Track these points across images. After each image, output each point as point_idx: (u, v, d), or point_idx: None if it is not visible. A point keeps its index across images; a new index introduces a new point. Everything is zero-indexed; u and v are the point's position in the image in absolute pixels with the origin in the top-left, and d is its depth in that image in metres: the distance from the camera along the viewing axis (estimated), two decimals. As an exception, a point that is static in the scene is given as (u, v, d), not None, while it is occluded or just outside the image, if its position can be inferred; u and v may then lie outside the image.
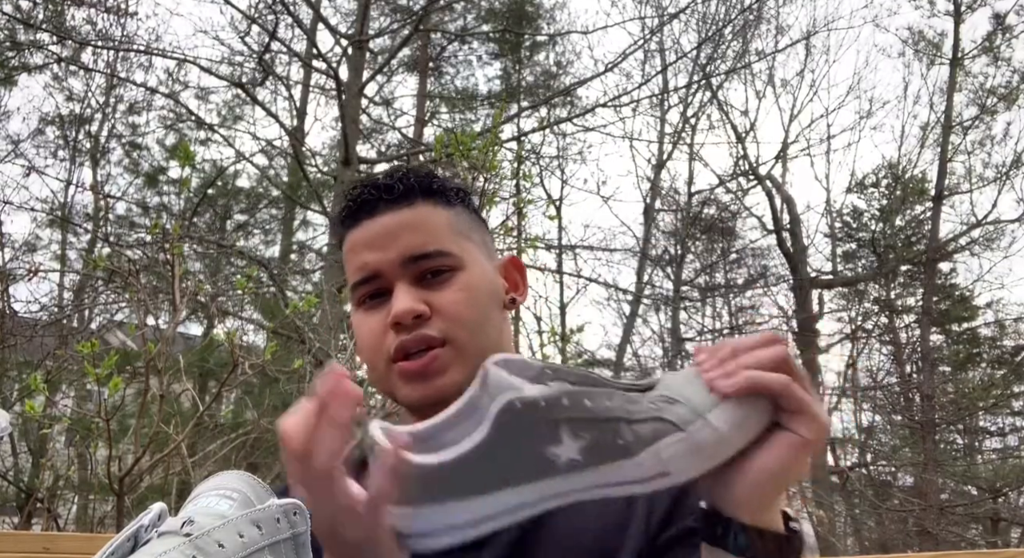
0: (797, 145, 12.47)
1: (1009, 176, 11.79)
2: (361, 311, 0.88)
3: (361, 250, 0.86)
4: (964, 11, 12.26)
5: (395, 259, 0.85)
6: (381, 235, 0.86)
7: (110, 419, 3.07)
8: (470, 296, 0.86)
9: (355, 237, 0.88)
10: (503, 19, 11.38)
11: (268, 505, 0.60)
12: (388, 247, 0.85)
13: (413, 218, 0.86)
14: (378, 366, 0.86)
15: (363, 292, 0.87)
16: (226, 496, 0.61)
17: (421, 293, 0.84)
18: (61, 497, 5.79)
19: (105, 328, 7.42)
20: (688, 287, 12.37)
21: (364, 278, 0.86)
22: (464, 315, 0.84)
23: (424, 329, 0.83)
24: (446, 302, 0.84)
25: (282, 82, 9.62)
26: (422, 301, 0.83)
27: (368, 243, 0.86)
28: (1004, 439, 12.32)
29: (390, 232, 0.86)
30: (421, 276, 0.85)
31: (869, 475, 11.73)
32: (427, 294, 0.84)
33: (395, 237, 0.85)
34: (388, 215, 0.86)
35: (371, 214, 0.87)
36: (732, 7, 10.92)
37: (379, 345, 0.85)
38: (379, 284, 0.86)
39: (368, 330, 0.86)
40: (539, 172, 10.66)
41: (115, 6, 8.78)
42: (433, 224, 0.87)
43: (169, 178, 10.53)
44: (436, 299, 0.84)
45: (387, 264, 0.85)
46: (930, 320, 12.00)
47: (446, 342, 0.83)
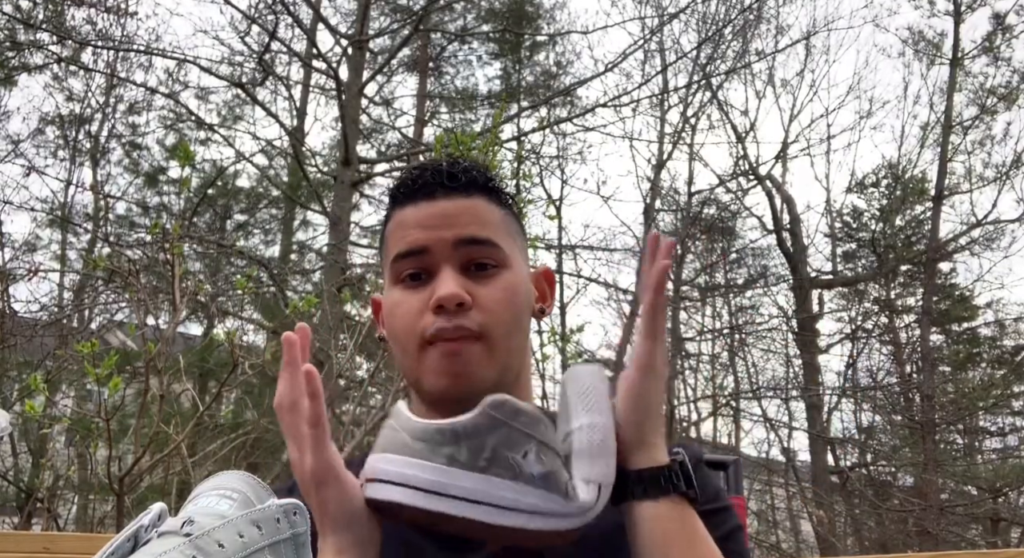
0: (797, 145, 12.47)
1: (1009, 176, 11.79)
2: (399, 288, 0.87)
3: (412, 227, 0.86)
4: (964, 11, 12.26)
5: (448, 239, 0.85)
6: (436, 216, 0.86)
7: (110, 419, 3.07)
8: (511, 296, 0.86)
9: (408, 214, 0.87)
10: (503, 19, 11.38)
11: (268, 505, 0.60)
12: (442, 227, 0.85)
13: (471, 207, 0.87)
14: (410, 347, 0.85)
15: (404, 268, 0.86)
16: (226, 496, 0.61)
17: (465, 283, 0.84)
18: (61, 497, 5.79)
19: (105, 328, 7.42)
20: (688, 287, 12.36)
21: (410, 250, 0.85)
22: (502, 313, 0.84)
23: (462, 320, 0.82)
24: (488, 297, 0.84)
25: (282, 82, 9.63)
26: (465, 289, 0.83)
27: (421, 222, 0.86)
28: (1004, 439, 12.32)
29: (447, 214, 0.86)
30: (467, 266, 0.85)
31: (869, 475, 11.73)
32: (471, 285, 0.84)
33: (451, 220, 0.85)
34: (446, 200, 0.86)
35: (429, 196, 0.87)
36: (732, 7, 10.92)
37: (415, 325, 0.84)
38: (424, 261, 0.85)
39: (406, 309, 0.85)
40: (539, 172, 10.65)
41: (115, 6, 8.78)
42: (489, 217, 0.88)
43: (169, 178, 10.54)
44: (479, 292, 0.84)
45: (439, 242, 0.85)
46: (930, 320, 12.00)
47: (481, 337, 0.83)
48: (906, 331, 12.58)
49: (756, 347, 12.23)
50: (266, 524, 0.59)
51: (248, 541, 0.57)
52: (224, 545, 0.55)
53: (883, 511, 10.46)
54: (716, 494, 0.87)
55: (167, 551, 0.54)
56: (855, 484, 11.12)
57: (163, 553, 0.54)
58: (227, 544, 0.56)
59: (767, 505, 11.73)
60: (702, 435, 11.56)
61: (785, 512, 11.71)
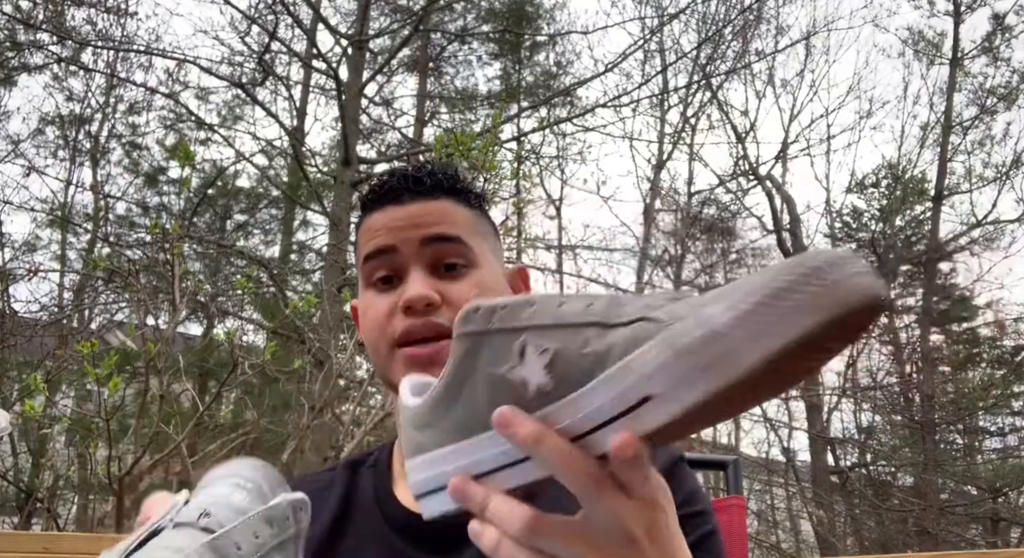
0: (797, 145, 12.48)
1: (1009, 176, 11.79)
2: (371, 291, 0.88)
3: (380, 229, 0.87)
4: (964, 11, 12.25)
5: (415, 238, 0.86)
6: (403, 218, 0.87)
7: (110, 419, 3.08)
8: (482, 294, 0.85)
9: (376, 219, 0.89)
10: (503, 19, 11.37)
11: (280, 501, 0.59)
12: (409, 228, 0.86)
13: (437, 208, 0.88)
14: (380, 349, 0.86)
15: (374, 270, 0.87)
16: (240, 486, 0.60)
17: (435, 282, 0.84)
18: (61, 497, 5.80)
19: (105, 328, 7.42)
20: (688, 287, 12.36)
21: (377, 250, 0.87)
22: None
23: (433, 317, 0.82)
24: (458, 295, 0.84)
25: (282, 82, 9.62)
26: (436, 290, 0.83)
27: (389, 225, 0.87)
28: (1004, 439, 12.31)
29: (413, 216, 0.87)
30: (436, 265, 0.86)
31: (869, 475, 11.72)
32: (441, 285, 0.85)
33: (418, 221, 0.87)
34: (413, 203, 0.88)
35: (396, 200, 0.88)
36: (732, 7, 10.92)
37: (385, 327, 0.85)
38: (393, 262, 0.86)
39: (376, 311, 0.86)
40: (539, 172, 10.65)
41: (115, 6, 8.78)
42: (456, 217, 0.89)
43: (169, 178, 10.54)
44: (449, 290, 0.84)
45: (406, 242, 0.86)
46: (930, 320, 12.00)
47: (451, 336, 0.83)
48: (906, 331, 12.58)
49: (756, 347, 12.22)
50: (278, 522, 0.58)
51: (261, 541, 0.56)
52: (241, 547, 0.54)
53: (883, 511, 10.46)
54: (690, 496, 0.84)
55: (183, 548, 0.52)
56: (855, 484, 11.11)
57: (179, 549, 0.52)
58: (244, 546, 0.55)
59: (767, 505, 11.72)
60: (702, 435, 11.56)
61: (785, 512, 11.71)
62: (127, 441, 4.02)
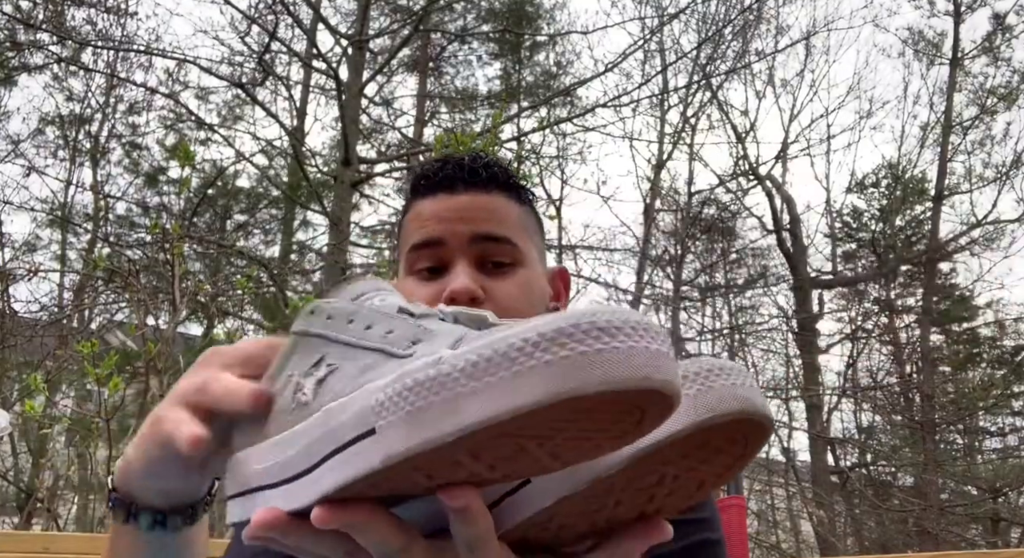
0: (797, 145, 12.48)
1: (1009, 176, 11.80)
2: (414, 279, 0.87)
3: (430, 219, 0.86)
4: (964, 11, 12.26)
5: (465, 233, 0.84)
6: (455, 210, 0.86)
7: (110, 419, 3.07)
8: (525, 294, 0.85)
9: (427, 206, 0.87)
10: (503, 19, 11.38)
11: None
12: (459, 222, 0.85)
13: (489, 203, 0.87)
14: None
15: (419, 259, 0.86)
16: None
17: (480, 278, 0.83)
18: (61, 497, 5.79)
19: (105, 328, 7.42)
20: (688, 287, 12.37)
21: (425, 242, 0.85)
22: (516, 311, 0.83)
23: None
24: (503, 293, 0.83)
25: (282, 82, 9.63)
26: (480, 286, 0.82)
27: (439, 215, 0.86)
28: (1004, 439, 12.32)
29: (465, 209, 0.86)
30: (483, 262, 0.85)
31: (869, 475, 11.73)
32: (486, 281, 0.84)
33: (469, 215, 0.85)
34: (466, 195, 0.86)
35: (449, 190, 0.87)
36: (732, 7, 10.92)
37: None
38: (439, 254, 0.85)
39: (419, 298, 0.83)
40: (539, 172, 10.65)
41: (115, 6, 8.78)
42: (507, 214, 0.87)
43: (169, 178, 10.56)
44: (494, 287, 0.83)
45: (455, 236, 0.84)
46: (930, 320, 12.00)
47: None
48: (906, 331, 12.58)
49: (756, 347, 12.24)
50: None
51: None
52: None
53: (883, 511, 10.46)
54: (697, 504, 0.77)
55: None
56: (855, 484, 11.12)
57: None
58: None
59: (767, 505, 11.72)
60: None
61: (785, 512, 11.71)
62: (127, 441, 4.01)
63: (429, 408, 0.35)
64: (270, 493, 0.43)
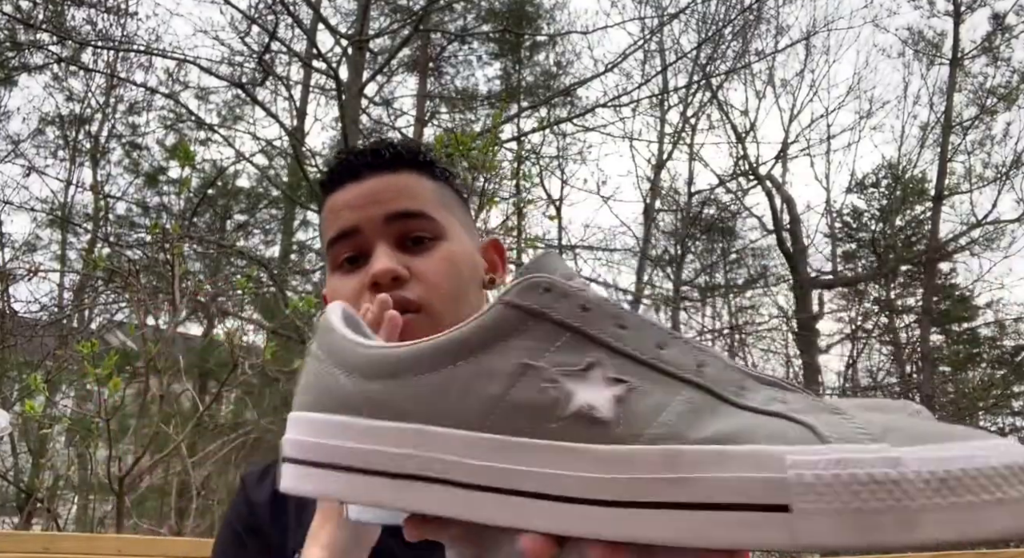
0: (797, 145, 12.48)
1: (1009, 176, 11.80)
2: (338, 274, 0.85)
3: (342, 209, 0.84)
4: (964, 11, 12.26)
5: (377, 216, 0.82)
6: (364, 195, 0.84)
7: (110, 419, 3.07)
8: (450, 266, 0.83)
9: (337, 198, 0.85)
10: (503, 19, 11.38)
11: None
12: (371, 206, 0.83)
13: (398, 182, 0.85)
14: None
15: (340, 251, 0.84)
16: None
17: (401, 257, 0.81)
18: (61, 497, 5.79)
19: (105, 328, 7.42)
20: (688, 287, 12.37)
21: (342, 233, 0.83)
22: (443, 284, 0.81)
23: (401, 292, 0.78)
24: (426, 268, 0.81)
25: (282, 82, 9.62)
26: (402, 265, 0.80)
27: (350, 203, 0.84)
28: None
29: (374, 192, 0.84)
30: (402, 240, 0.83)
31: (869, 475, 11.73)
32: (407, 259, 0.81)
33: (379, 197, 0.83)
34: (373, 179, 0.84)
35: (356, 177, 0.85)
36: (732, 7, 10.92)
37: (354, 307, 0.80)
38: (358, 243, 0.83)
39: (343, 293, 0.82)
40: (539, 172, 10.64)
41: (115, 6, 8.78)
42: (418, 190, 0.85)
43: (169, 178, 10.56)
44: (416, 264, 0.81)
45: (368, 221, 0.82)
46: (930, 320, 12.00)
47: (421, 309, 0.79)
48: (906, 331, 12.58)
49: (756, 347, 12.24)
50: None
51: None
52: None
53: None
54: None
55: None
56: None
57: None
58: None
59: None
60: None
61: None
62: (127, 441, 4.02)
63: (882, 512, 0.32)
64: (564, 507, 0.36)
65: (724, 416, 0.36)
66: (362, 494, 0.40)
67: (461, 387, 0.39)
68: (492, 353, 0.39)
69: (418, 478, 0.38)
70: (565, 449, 0.36)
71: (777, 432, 0.35)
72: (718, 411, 0.37)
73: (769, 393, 0.38)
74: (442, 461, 0.38)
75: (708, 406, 0.37)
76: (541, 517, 0.36)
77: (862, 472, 0.33)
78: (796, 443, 0.34)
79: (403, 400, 0.40)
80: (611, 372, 0.38)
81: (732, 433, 0.35)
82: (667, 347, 0.39)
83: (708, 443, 0.35)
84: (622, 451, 0.36)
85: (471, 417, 0.38)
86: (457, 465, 0.38)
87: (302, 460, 0.41)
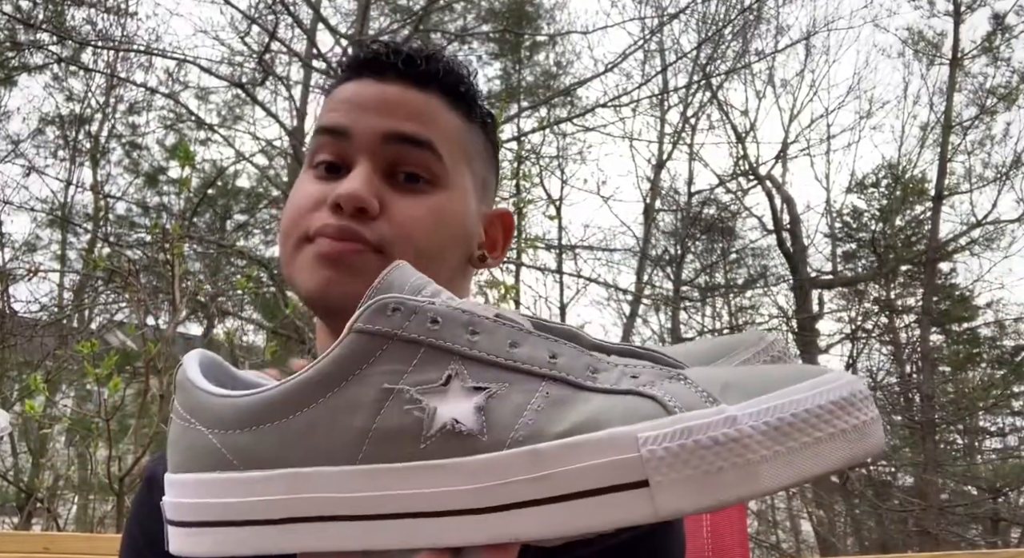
0: (797, 145, 12.47)
1: (1009, 176, 11.79)
2: (310, 173, 0.72)
3: (345, 104, 0.70)
4: (964, 11, 12.25)
5: (376, 128, 0.68)
6: (374, 98, 0.69)
7: (110, 419, 3.07)
8: (435, 221, 0.68)
9: (346, 88, 0.72)
10: (503, 19, 11.38)
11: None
12: (373, 114, 0.69)
13: (417, 100, 0.70)
14: (289, 241, 0.69)
15: (321, 149, 0.71)
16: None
17: (381, 188, 0.67)
18: (61, 497, 5.79)
19: (105, 328, 7.42)
20: (688, 287, 12.37)
21: (330, 129, 0.70)
22: (417, 237, 0.67)
23: (358, 227, 0.65)
24: (404, 212, 0.67)
25: (282, 82, 9.62)
26: (377, 195, 0.67)
27: (355, 100, 0.70)
28: (1004, 439, 12.31)
29: (385, 100, 0.69)
30: (392, 170, 0.68)
31: (869, 475, 11.72)
32: (388, 193, 0.67)
33: (388, 108, 0.69)
34: (394, 86, 0.70)
35: (378, 75, 0.70)
36: (732, 7, 10.91)
37: (304, 218, 0.68)
38: (342, 148, 0.69)
39: (302, 197, 0.70)
40: (539, 172, 10.64)
41: (115, 6, 8.77)
42: (438, 119, 0.70)
43: (169, 178, 10.55)
44: (395, 203, 0.67)
45: (364, 130, 0.68)
46: (930, 320, 12.00)
47: (380, 251, 0.66)
48: (906, 331, 12.58)
49: (756, 347, 12.22)
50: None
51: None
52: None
53: (883, 511, 10.46)
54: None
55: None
56: (855, 484, 11.11)
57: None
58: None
59: (767, 505, 11.72)
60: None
61: (785, 512, 11.71)
62: (127, 441, 4.01)
63: (726, 471, 0.34)
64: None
65: (581, 403, 0.38)
66: (251, 546, 0.40)
67: (328, 425, 0.39)
68: (353, 384, 0.39)
69: (303, 520, 0.39)
70: (438, 467, 0.38)
71: (630, 410, 0.37)
72: (576, 399, 0.38)
73: (621, 369, 0.40)
74: (324, 499, 0.39)
75: (565, 397, 0.38)
76: (429, 535, 0.38)
77: (704, 437, 0.35)
78: (646, 418, 0.36)
79: (273, 447, 0.40)
80: (470, 381, 0.39)
81: (588, 420, 0.37)
82: (520, 345, 0.40)
83: (566, 436, 0.37)
84: (490, 460, 0.38)
85: (343, 453, 0.39)
86: (338, 501, 0.38)
87: (186, 522, 0.41)
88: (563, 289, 11.26)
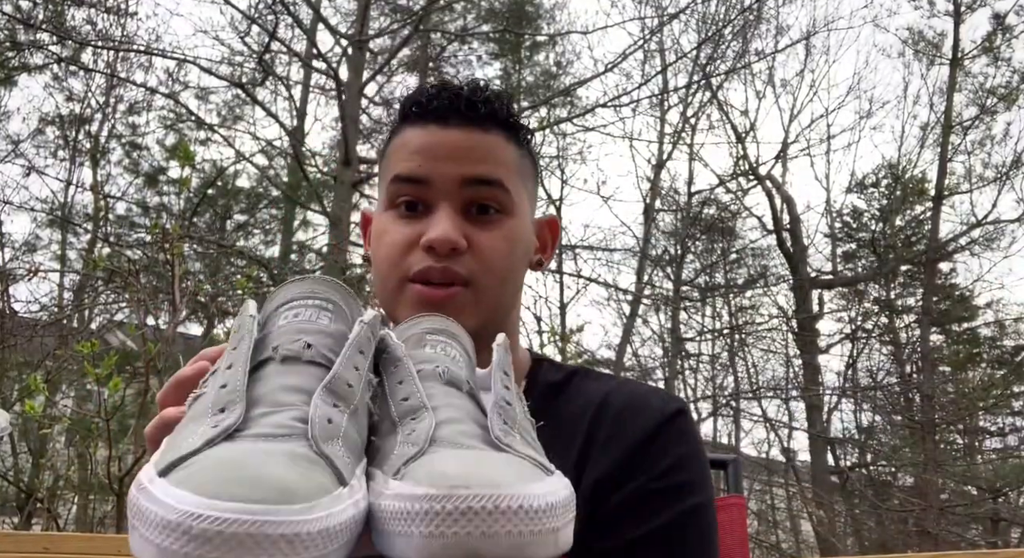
0: (797, 145, 12.47)
1: (1009, 176, 11.78)
2: (393, 213, 0.81)
3: (418, 152, 0.79)
4: (964, 11, 12.25)
5: (454, 175, 0.78)
6: (446, 147, 0.78)
7: (110, 419, 3.07)
8: (510, 246, 0.80)
9: (417, 137, 0.80)
10: (503, 19, 11.38)
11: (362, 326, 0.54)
12: (449, 162, 0.78)
13: (484, 143, 0.79)
14: (390, 282, 0.79)
15: (401, 192, 0.79)
16: (323, 308, 0.56)
17: (464, 225, 0.78)
18: (61, 497, 5.79)
19: (105, 328, 7.41)
20: (688, 287, 12.36)
21: (411, 177, 0.78)
22: (498, 264, 0.78)
23: (453, 264, 0.76)
24: (487, 245, 0.78)
25: (282, 82, 9.62)
26: (463, 234, 0.77)
27: (429, 150, 0.79)
28: (1004, 439, 12.31)
29: (458, 147, 0.78)
30: (469, 207, 0.79)
31: (869, 475, 11.72)
32: (469, 228, 0.78)
33: (461, 155, 0.78)
34: (460, 131, 0.79)
35: (442, 122, 0.79)
36: (732, 7, 10.91)
37: (400, 260, 0.78)
38: (423, 192, 0.78)
39: (394, 239, 0.79)
40: (539, 172, 10.63)
41: (115, 6, 8.77)
42: (502, 157, 0.80)
43: (169, 178, 10.55)
44: (477, 237, 0.78)
45: (443, 178, 0.78)
46: (930, 320, 12.00)
47: (469, 283, 0.77)
48: (906, 331, 12.58)
49: (756, 347, 12.23)
50: (366, 346, 0.54)
51: (360, 372, 0.52)
52: (351, 384, 0.50)
53: (883, 511, 10.45)
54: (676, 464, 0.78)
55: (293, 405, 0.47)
56: (855, 484, 11.11)
57: (289, 406, 0.47)
58: (352, 382, 0.51)
59: (767, 505, 11.72)
60: (703, 435, 11.54)
61: (785, 512, 11.71)
62: (127, 441, 4.02)
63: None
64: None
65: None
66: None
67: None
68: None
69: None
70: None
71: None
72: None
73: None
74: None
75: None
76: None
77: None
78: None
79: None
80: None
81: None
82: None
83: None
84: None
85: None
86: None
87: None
88: (563, 289, 11.27)
